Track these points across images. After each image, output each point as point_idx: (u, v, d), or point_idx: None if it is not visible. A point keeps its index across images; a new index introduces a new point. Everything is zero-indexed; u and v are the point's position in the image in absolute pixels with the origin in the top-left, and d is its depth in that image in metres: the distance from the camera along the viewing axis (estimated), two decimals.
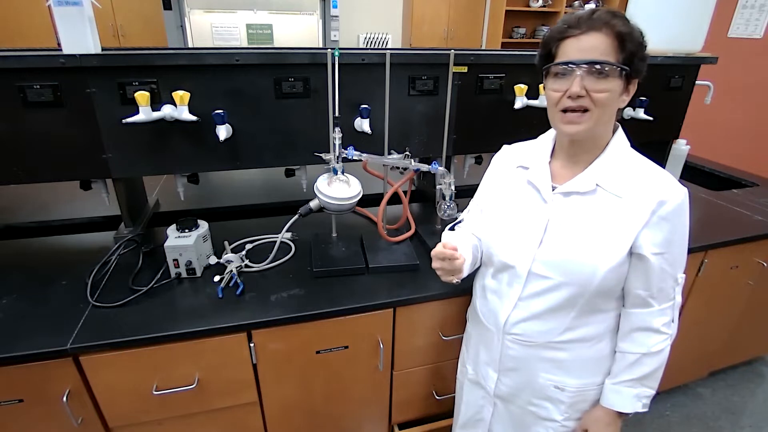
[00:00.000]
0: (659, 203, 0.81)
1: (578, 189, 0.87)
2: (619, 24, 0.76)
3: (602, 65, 0.76)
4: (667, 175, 0.84)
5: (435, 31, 5.01)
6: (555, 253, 0.88)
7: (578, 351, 0.94)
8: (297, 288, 1.21)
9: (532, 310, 0.93)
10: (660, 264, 0.83)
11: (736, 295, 1.77)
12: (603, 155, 0.86)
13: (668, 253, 0.84)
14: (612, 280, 0.86)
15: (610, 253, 0.84)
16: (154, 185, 1.83)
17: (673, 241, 0.84)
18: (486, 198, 1.05)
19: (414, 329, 1.29)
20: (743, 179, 2.15)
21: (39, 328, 1.04)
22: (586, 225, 0.86)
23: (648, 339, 0.89)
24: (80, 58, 1.11)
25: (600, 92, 0.78)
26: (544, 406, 1.00)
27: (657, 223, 0.82)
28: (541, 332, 0.94)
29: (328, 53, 1.20)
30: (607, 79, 0.77)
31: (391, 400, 1.42)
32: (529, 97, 1.48)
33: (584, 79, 0.77)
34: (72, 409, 1.05)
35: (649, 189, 0.82)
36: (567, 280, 0.87)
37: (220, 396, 1.19)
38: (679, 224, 0.83)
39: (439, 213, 1.37)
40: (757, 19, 3.04)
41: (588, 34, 0.77)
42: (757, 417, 1.95)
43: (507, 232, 0.95)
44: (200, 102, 1.21)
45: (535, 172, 0.93)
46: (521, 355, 0.99)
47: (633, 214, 0.82)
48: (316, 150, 1.23)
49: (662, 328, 0.88)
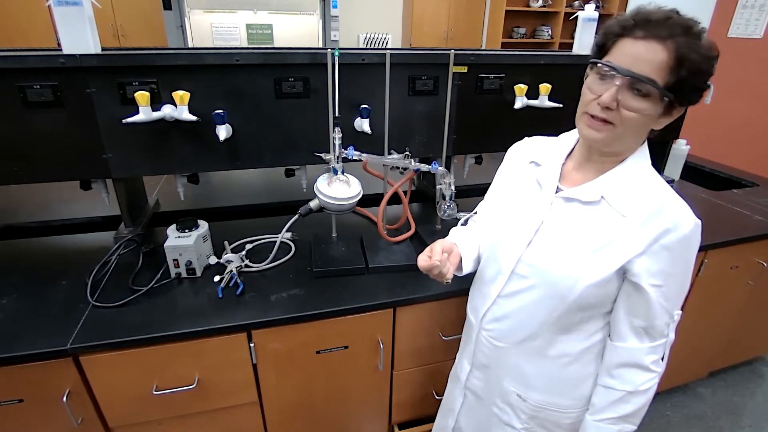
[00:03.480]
0: (665, 230, 0.74)
1: (580, 197, 0.81)
2: (684, 42, 0.66)
3: (643, 83, 0.68)
4: (681, 202, 0.77)
5: (435, 31, 5.01)
6: (540, 257, 0.84)
7: (546, 367, 0.90)
8: (297, 288, 1.21)
9: (507, 310, 0.91)
10: (657, 297, 0.77)
11: (736, 295, 1.77)
12: (618, 167, 0.79)
13: (666, 286, 0.77)
14: (593, 297, 0.80)
15: (594, 268, 0.78)
16: (154, 185, 1.83)
17: (672, 275, 0.77)
18: (495, 190, 1.03)
19: (414, 329, 1.29)
20: (743, 179, 2.15)
21: (39, 328, 1.04)
22: (579, 235, 0.80)
23: (636, 376, 0.82)
24: (80, 58, 1.11)
25: (631, 110, 0.70)
26: (506, 411, 0.99)
27: (657, 251, 0.75)
28: (512, 335, 0.91)
29: (328, 53, 1.20)
30: (645, 99, 0.69)
31: (391, 400, 1.43)
32: (529, 97, 1.48)
33: (620, 91, 0.69)
34: (72, 409, 1.05)
35: (658, 213, 0.75)
36: (546, 287, 0.83)
37: (220, 396, 1.19)
38: (682, 257, 0.77)
39: (439, 213, 1.37)
40: (757, 19, 3.04)
41: (648, 41, 0.67)
42: (757, 417, 1.95)
43: (502, 226, 0.92)
44: (200, 102, 1.21)
45: (544, 170, 0.88)
46: (492, 354, 0.97)
47: (633, 236, 0.76)
48: (316, 150, 1.23)
49: (652, 366, 0.82)
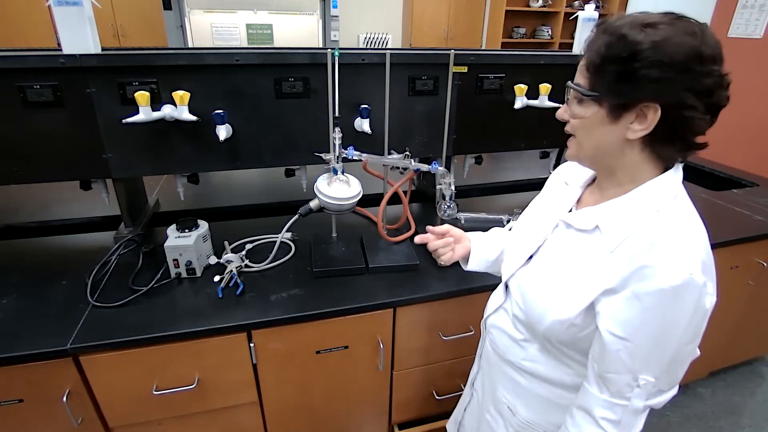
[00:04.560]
0: (638, 272, 0.63)
1: (574, 223, 0.76)
2: (597, 44, 0.65)
3: (574, 89, 0.69)
4: (679, 252, 0.63)
5: (435, 31, 5.01)
6: (525, 279, 0.82)
7: (535, 385, 0.86)
8: (297, 288, 1.21)
9: (505, 323, 0.89)
10: (615, 349, 0.66)
11: (736, 295, 1.76)
12: (626, 195, 0.71)
13: (630, 341, 0.65)
14: (561, 333, 0.74)
15: (561, 305, 0.73)
16: (154, 185, 1.83)
17: (640, 331, 0.64)
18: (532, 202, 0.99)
19: (414, 329, 1.29)
20: (743, 179, 2.15)
21: (39, 328, 1.04)
22: (563, 266, 0.75)
23: (585, 424, 0.73)
24: (80, 58, 1.11)
25: (574, 117, 0.71)
26: (497, 420, 0.97)
27: (626, 297, 0.65)
28: (507, 348, 0.89)
29: (328, 53, 1.20)
30: (581, 104, 0.69)
31: (391, 400, 1.43)
32: (529, 97, 1.48)
33: (570, 103, 0.71)
34: (72, 409, 1.05)
35: (639, 252, 0.65)
36: (526, 314, 0.81)
37: (220, 396, 1.19)
38: (657, 314, 0.63)
39: (439, 213, 1.37)
40: (757, 19, 3.04)
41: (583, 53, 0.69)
42: (757, 417, 1.95)
43: (515, 239, 0.92)
44: (200, 102, 1.21)
45: (566, 191, 0.85)
46: (492, 361, 0.96)
47: (609, 272, 0.67)
48: (316, 150, 1.23)
49: (602, 422, 0.70)
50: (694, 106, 0.61)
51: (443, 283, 1.26)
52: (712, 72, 0.60)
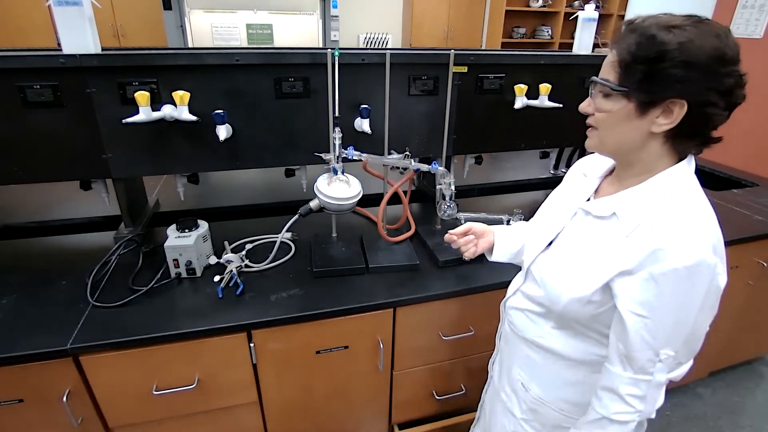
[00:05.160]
0: (653, 254, 0.68)
1: (594, 211, 0.81)
2: (627, 42, 0.68)
3: (602, 84, 0.72)
4: (692, 230, 0.68)
5: (435, 31, 5.01)
6: (545, 264, 0.88)
7: (549, 362, 0.91)
8: (297, 288, 1.21)
9: (523, 303, 0.95)
10: (637, 328, 0.71)
11: (736, 296, 1.76)
12: (642, 185, 0.76)
13: (650, 319, 0.70)
14: (577, 313, 0.80)
15: (578, 284, 0.78)
16: (154, 185, 1.83)
17: (658, 309, 0.70)
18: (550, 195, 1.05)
19: (414, 329, 1.29)
20: (743, 179, 2.15)
21: (39, 328, 1.04)
22: (581, 249, 0.81)
23: (612, 403, 0.78)
24: (80, 58, 1.11)
25: (600, 111, 0.74)
26: (511, 399, 1.02)
27: (643, 278, 0.70)
28: (525, 327, 0.95)
29: (328, 53, 1.20)
30: (609, 99, 0.72)
31: (391, 400, 1.43)
32: (529, 97, 1.48)
33: (594, 97, 0.75)
34: (72, 409, 1.05)
35: (654, 235, 0.69)
36: (545, 294, 0.87)
37: (220, 396, 1.19)
38: (676, 292, 0.68)
39: (439, 213, 1.37)
40: (757, 19, 3.04)
41: (611, 49, 0.72)
42: (757, 417, 1.95)
43: (534, 229, 0.99)
44: (200, 102, 1.21)
45: (586, 181, 0.90)
46: (510, 340, 1.02)
47: (623, 255, 0.72)
48: (316, 150, 1.23)
49: (629, 399, 0.76)
50: (716, 103, 0.66)
51: (443, 283, 1.26)
52: (732, 72, 0.66)
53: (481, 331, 1.36)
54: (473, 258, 1.10)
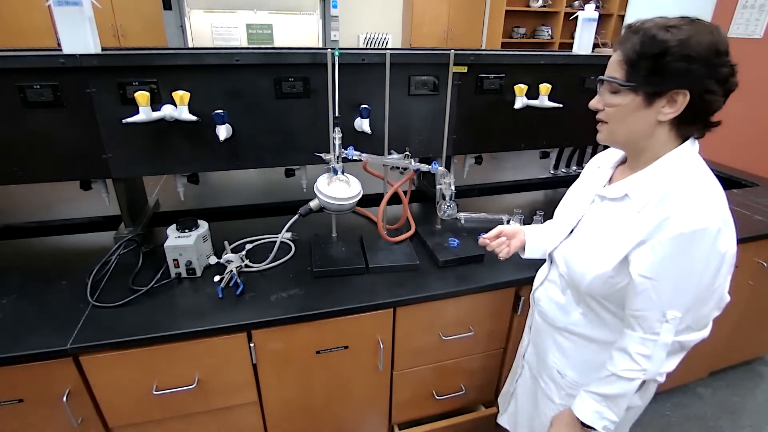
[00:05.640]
0: (662, 222, 0.76)
1: (608, 194, 0.89)
2: (632, 42, 0.76)
3: (608, 82, 0.80)
4: (698, 199, 0.76)
5: (435, 31, 5.01)
6: (569, 249, 0.95)
7: (581, 346, 0.99)
8: (297, 288, 1.21)
9: (551, 292, 1.03)
10: (644, 289, 0.79)
11: (736, 295, 1.74)
12: (649, 167, 0.83)
13: (657, 281, 0.78)
14: (600, 288, 0.87)
15: (598, 262, 0.86)
16: (154, 185, 1.83)
17: (666, 271, 0.77)
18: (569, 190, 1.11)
19: (414, 329, 1.29)
20: (743, 179, 2.15)
21: (39, 328, 1.04)
22: (600, 231, 0.89)
23: (621, 361, 0.86)
24: (80, 58, 1.11)
25: (609, 106, 0.81)
26: (549, 386, 1.08)
27: (652, 244, 0.78)
28: (555, 315, 1.01)
29: (328, 53, 1.20)
30: (617, 94, 0.80)
31: (391, 400, 1.42)
32: (529, 97, 1.48)
33: (602, 94, 0.82)
34: (72, 409, 1.05)
35: (664, 207, 0.77)
36: (570, 276, 0.94)
37: (220, 396, 1.19)
38: (682, 255, 0.76)
39: (439, 213, 1.37)
40: (757, 19, 3.04)
41: (616, 50, 0.80)
42: (757, 417, 1.95)
43: (556, 220, 1.05)
44: (200, 102, 1.21)
45: (601, 172, 0.97)
46: (541, 329, 1.08)
47: (637, 229, 0.80)
48: (316, 150, 1.23)
49: (635, 356, 0.83)
50: (714, 91, 0.74)
51: (443, 283, 1.26)
52: (727, 63, 0.74)
53: (481, 331, 1.36)
54: (508, 258, 1.14)
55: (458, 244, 1.38)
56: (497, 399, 1.37)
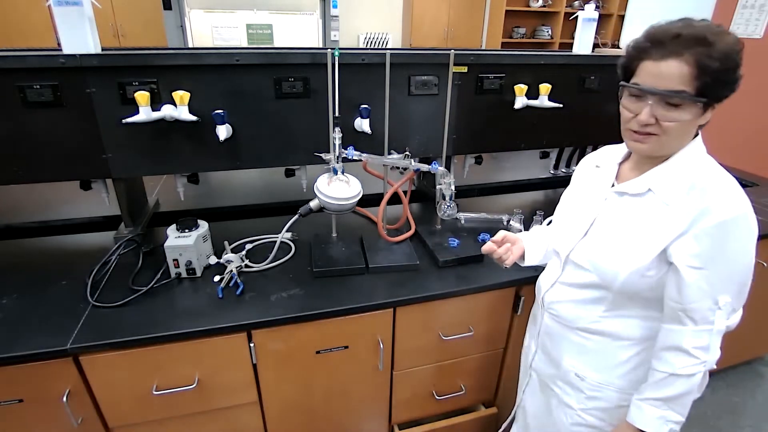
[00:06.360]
0: (701, 213, 0.77)
1: (629, 190, 0.87)
2: (700, 52, 0.72)
3: (674, 96, 0.74)
4: (729, 187, 0.78)
5: (435, 31, 5.01)
6: (591, 248, 0.92)
7: (604, 344, 0.95)
8: (297, 288, 1.21)
9: (567, 293, 0.99)
10: (695, 280, 0.78)
11: None
12: (669, 161, 0.83)
13: (707, 269, 0.78)
14: (636, 284, 0.85)
15: (634, 258, 0.84)
16: (154, 185, 1.83)
17: (715, 259, 0.78)
18: (565, 193, 1.09)
19: (414, 329, 1.29)
20: (743, 179, 2.14)
21: (39, 328, 1.04)
22: (625, 227, 0.87)
23: (676, 359, 0.83)
24: (80, 58, 1.11)
25: (670, 121, 0.76)
26: (566, 391, 1.04)
27: (696, 235, 0.77)
28: (573, 316, 0.98)
29: (328, 53, 1.20)
30: (679, 108, 0.75)
31: (391, 400, 1.42)
32: (529, 97, 1.48)
33: (655, 107, 0.76)
34: (72, 409, 1.05)
35: (697, 197, 0.78)
36: (596, 275, 0.91)
37: (220, 396, 1.19)
38: (727, 242, 0.77)
39: (439, 213, 1.37)
40: (757, 19, 3.04)
41: (667, 60, 0.74)
42: (757, 417, 1.95)
43: (563, 220, 1.02)
44: (200, 102, 1.21)
45: (602, 171, 0.96)
46: (554, 333, 1.03)
47: (673, 222, 0.79)
48: (316, 150, 1.23)
49: (693, 351, 0.81)
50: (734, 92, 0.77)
51: (443, 283, 1.26)
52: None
53: (481, 331, 1.36)
54: (510, 266, 1.09)
55: (458, 244, 1.38)
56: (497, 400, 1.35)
